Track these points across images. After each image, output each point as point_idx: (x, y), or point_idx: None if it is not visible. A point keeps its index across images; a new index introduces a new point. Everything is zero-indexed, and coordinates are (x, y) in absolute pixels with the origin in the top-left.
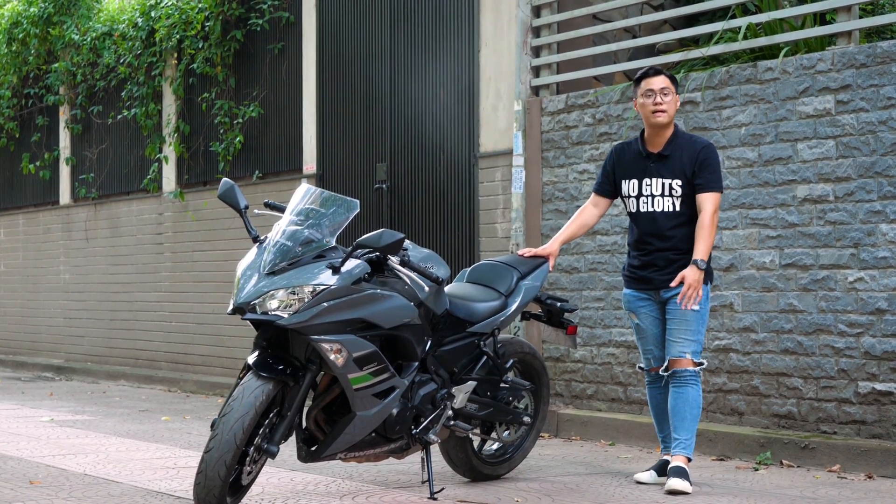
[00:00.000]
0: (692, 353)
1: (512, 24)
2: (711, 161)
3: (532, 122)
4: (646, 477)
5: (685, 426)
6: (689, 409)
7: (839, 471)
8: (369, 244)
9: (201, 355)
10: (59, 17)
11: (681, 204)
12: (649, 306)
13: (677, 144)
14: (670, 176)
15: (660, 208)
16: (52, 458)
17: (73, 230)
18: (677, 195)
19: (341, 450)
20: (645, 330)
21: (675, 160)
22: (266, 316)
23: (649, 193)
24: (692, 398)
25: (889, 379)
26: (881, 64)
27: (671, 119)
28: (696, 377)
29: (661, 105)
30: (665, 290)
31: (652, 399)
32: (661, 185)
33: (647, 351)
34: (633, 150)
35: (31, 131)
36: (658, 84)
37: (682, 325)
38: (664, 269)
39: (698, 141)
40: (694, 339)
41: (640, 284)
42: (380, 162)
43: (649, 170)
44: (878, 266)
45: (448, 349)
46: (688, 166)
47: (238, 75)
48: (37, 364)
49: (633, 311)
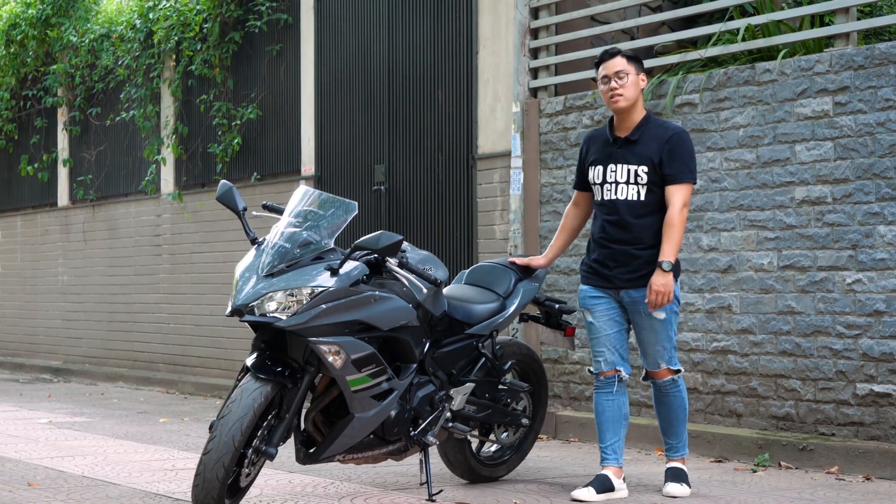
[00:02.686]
0: (668, 360)
1: (510, 26)
2: (682, 148)
3: (530, 124)
4: (583, 494)
5: (674, 431)
6: (675, 416)
7: (837, 472)
8: (368, 246)
9: (199, 357)
10: (58, 18)
11: (646, 193)
12: (606, 304)
13: (647, 129)
14: (636, 162)
15: (623, 196)
16: (50, 459)
17: (72, 232)
18: (643, 182)
19: (340, 451)
20: (598, 330)
21: (643, 145)
22: (264, 318)
23: (613, 180)
24: (676, 404)
25: (887, 380)
26: (879, 65)
27: (632, 102)
28: (675, 384)
29: (617, 89)
30: (626, 292)
31: (598, 405)
32: (626, 172)
33: (599, 353)
34: (603, 135)
35: (30, 133)
36: (614, 67)
37: (652, 333)
38: (625, 266)
39: (670, 127)
40: (668, 345)
41: (598, 280)
42: (378, 163)
43: (614, 155)
44: (876, 268)
45: (446, 351)
46: (655, 153)
47: (236, 77)
48: (35, 366)
49: (588, 308)
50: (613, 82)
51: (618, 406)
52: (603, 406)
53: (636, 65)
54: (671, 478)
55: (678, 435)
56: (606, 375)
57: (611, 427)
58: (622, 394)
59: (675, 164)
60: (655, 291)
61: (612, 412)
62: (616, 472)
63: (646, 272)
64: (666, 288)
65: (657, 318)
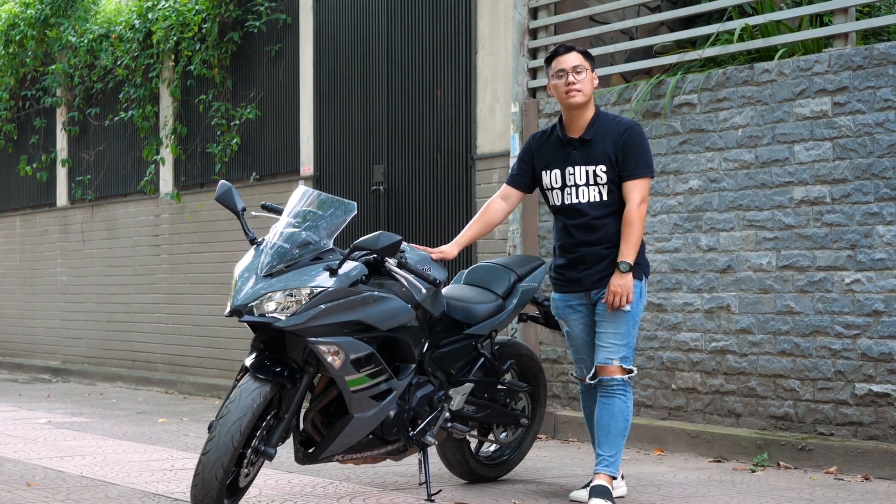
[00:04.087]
0: (620, 359)
1: (509, 26)
2: (636, 143)
3: (529, 124)
4: (581, 495)
5: (610, 441)
6: (615, 423)
7: (836, 472)
8: (366, 246)
9: (198, 357)
10: (56, 18)
11: (608, 192)
12: (580, 312)
13: (600, 127)
14: (593, 162)
15: (585, 199)
16: (48, 460)
17: (70, 232)
18: (602, 182)
19: (339, 452)
20: (576, 338)
21: (598, 144)
22: (263, 318)
23: (573, 183)
24: (619, 410)
25: (886, 380)
26: (878, 66)
27: (588, 98)
28: (624, 386)
29: (574, 84)
30: (596, 291)
31: (586, 409)
32: (585, 174)
33: (580, 360)
34: (554, 137)
35: (29, 133)
36: (570, 62)
37: (609, 328)
38: (594, 267)
39: (622, 121)
40: (623, 342)
41: (568, 287)
42: (377, 164)
43: (571, 157)
44: (874, 268)
45: (445, 351)
46: (611, 150)
47: (235, 77)
48: (34, 366)
49: (563, 318)
50: (571, 77)
51: None
52: (592, 408)
53: (590, 61)
54: (596, 494)
55: (613, 446)
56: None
57: None
58: None
59: (631, 160)
60: (612, 292)
61: None
62: None
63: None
64: (623, 289)
65: (622, 310)
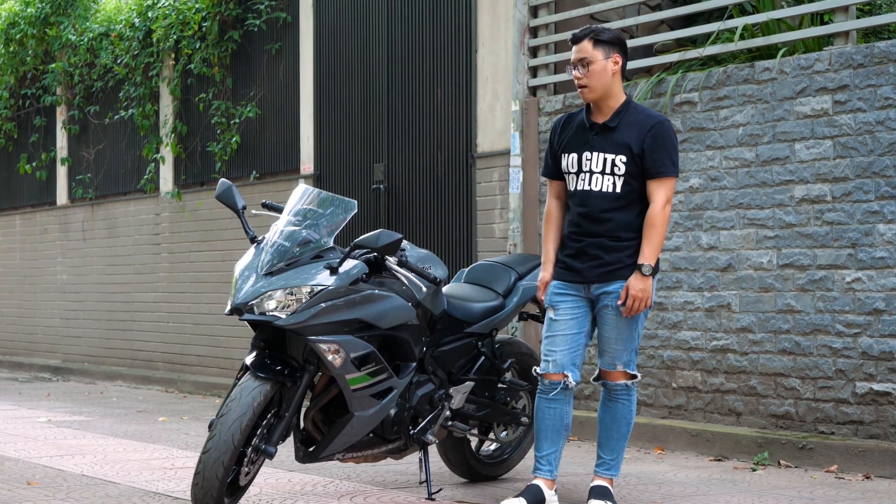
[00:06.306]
0: (625, 364)
1: (509, 25)
2: (665, 139)
3: (529, 123)
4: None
5: (611, 445)
6: (617, 427)
7: (837, 471)
8: (367, 244)
9: (199, 356)
10: (56, 17)
11: (622, 185)
12: (572, 303)
13: (627, 116)
14: (613, 150)
15: (597, 187)
16: (49, 458)
17: (70, 230)
18: (619, 173)
19: (339, 450)
20: (557, 328)
21: (622, 133)
22: (264, 316)
23: (588, 169)
24: (622, 415)
25: (886, 379)
26: (878, 64)
27: (600, 93)
28: (628, 391)
29: (581, 79)
30: (597, 286)
31: (539, 411)
32: (602, 161)
33: (549, 353)
34: (578, 120)
35: (29, 132)
36: (577, 55)
37: (615, 332)
38: (597, 260)
39: (653, 115)
40: (630, 346)
41: (568, 275)
42: (377, 162)
43: (591, 142)
44: (875, 266)
45: (446, 349)
46: (635, 142)
47: (235, 76)
48: (34, 364)
49: (552, 305)
50: (578, 70)
51: (559, 415)
52: (543, 413)
53: (605, 48)
54: (596, 495)
55: (615, 450)
56: (552, 379)
57: (549, 436)
58: (566, 402)
59: (657, 157)
60: (633, 297)
61: (553, 420)
62: (548, 484)
63: (618, 266)
64: (644, 294)
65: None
